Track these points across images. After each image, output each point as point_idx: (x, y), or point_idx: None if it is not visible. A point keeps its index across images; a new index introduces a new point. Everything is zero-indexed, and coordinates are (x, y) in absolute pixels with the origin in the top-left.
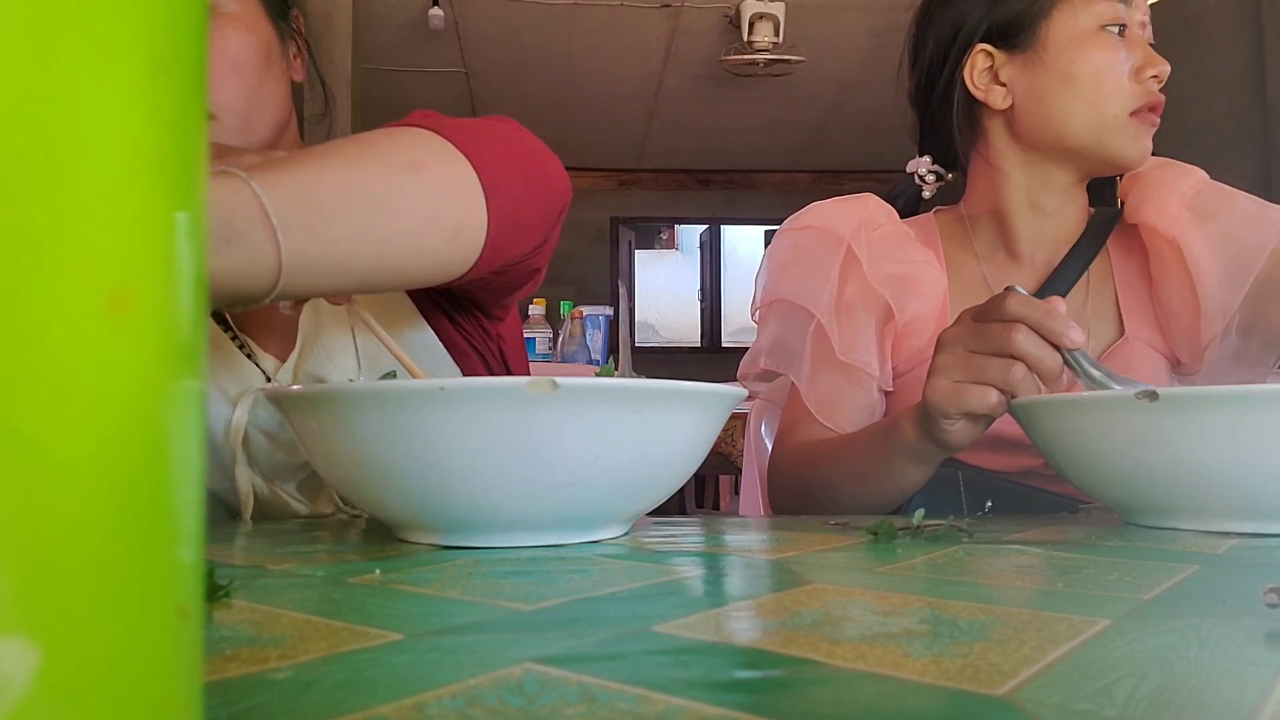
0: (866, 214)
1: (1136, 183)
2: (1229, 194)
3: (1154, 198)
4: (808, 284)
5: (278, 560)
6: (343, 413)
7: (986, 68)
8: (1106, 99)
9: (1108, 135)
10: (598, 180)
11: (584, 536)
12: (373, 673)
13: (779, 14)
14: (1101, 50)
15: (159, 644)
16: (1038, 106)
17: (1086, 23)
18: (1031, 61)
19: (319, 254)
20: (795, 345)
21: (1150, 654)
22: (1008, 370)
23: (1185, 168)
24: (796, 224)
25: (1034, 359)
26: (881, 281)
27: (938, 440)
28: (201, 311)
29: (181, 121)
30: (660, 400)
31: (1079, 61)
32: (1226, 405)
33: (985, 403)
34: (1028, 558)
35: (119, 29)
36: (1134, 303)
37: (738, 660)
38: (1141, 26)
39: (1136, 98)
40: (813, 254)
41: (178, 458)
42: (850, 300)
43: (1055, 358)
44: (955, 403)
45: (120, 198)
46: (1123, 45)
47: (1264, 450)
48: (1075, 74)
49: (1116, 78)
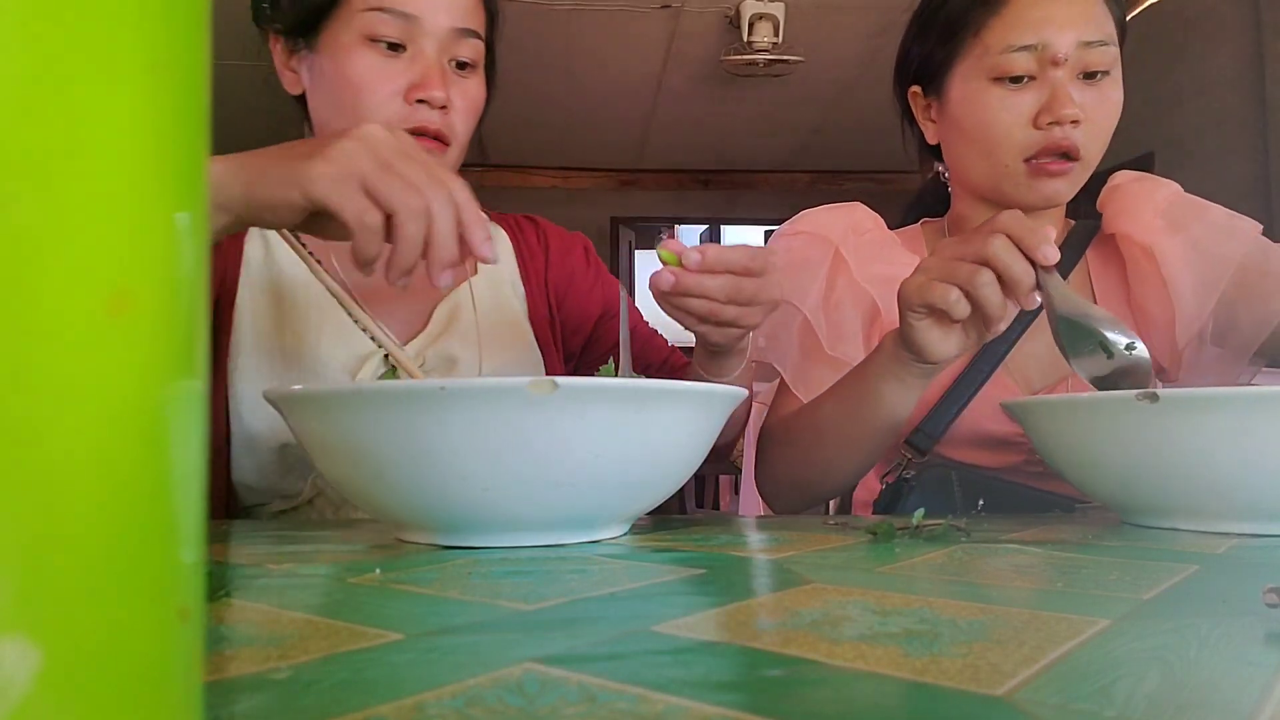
0: (855, 220)
1: (1113, 195)
2: (1202, 205)
3: (1130, 208)
4: (798, 284)
5: (278, 560)
6: (343, 413)
7: (925, 105)
8: (996, 150)
9: (1006, 184)
10: (598, 180)
11: (584, 536)
12: (372, 673)
13: (779, 14)
14: (988, 104)
15: (159, 644)
16: (949, 151)
17: (978, 76)
18: (942, 109)
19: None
20: (785, 340)
21: (1150, 654)
22: (975, 273)
23: (1161, 181)
24: (789, 230)
25: (1004, 265)
26: (869, 281)
27: (909, 343)
28: (202, 311)
29: (181, 121)
30: (660, 400)
31: (968, 114)
32: (1226, 406)
33: (945, 298)
34: (1027, 558)
35: (119, 29)
36: (1114, 311)
37: (737, 660)
38: (1055, 65)
39: (1033, 145)
40: (804, 257)
41: (178, 458)
42: (839, 298)
43: (1027, 270)
44: (920, 293)
45: (120, 198)
46: (1023, 92)
47: (1264, 451)
48: (965, 126)
49: (1005, 129)
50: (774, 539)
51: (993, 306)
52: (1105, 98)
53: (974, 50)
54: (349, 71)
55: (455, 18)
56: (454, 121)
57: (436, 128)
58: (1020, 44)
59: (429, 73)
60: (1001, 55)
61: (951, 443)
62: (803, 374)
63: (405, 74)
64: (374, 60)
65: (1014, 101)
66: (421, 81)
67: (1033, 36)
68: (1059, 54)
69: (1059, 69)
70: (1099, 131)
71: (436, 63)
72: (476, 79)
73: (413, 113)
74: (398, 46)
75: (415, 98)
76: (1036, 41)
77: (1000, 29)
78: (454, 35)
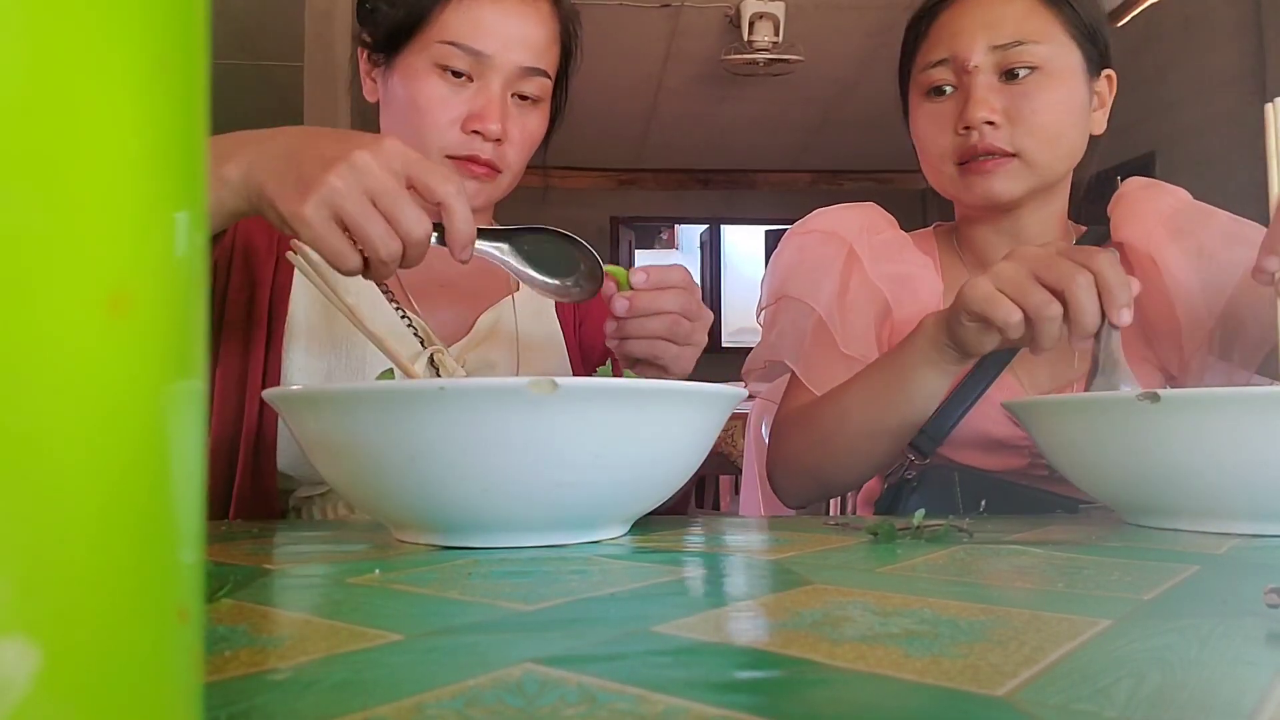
0: (869, 219)
1: (1120, 203)
2: (1208, 212)
3: (1135, 216)
4: (812, 282)
5: (277, 560)
6: (343, 412)
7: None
8: (932, 158)
9: (950, 188)
10: (598, 180)
11: (584, 536)
12: (372, 673)
13: (779, 13)
14: (920, 118)
15: (159, 644)
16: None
17: (916, 93)
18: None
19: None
20: (798, 338)
21: (1151, 654)
22: (1047, 305)
23: (1167, 188)
24: (802, 229)
25: (1079, 307)
26: (882, 279)
27: (953, 334)
28: (202, 311)
29: (181, 121)
30: (660, 400)
31: (913, 128)
32: (1228, 406)
33: (1008, 319)
34: (1028, 558)
35: (119, 29)
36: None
37: (738, 661)
38: (967, 72)
39: (956, 149)
40: (817, 255)
41: (177, 458)
42: (854, 296)
43: (1096, 319)
44: (985, 303)
45: (120, 198)
46: (946, 102)
47: (1265, 451)
48: (914, 142)
49: (932, 138)
50: (775, 539)
51: (1049, 340)
52: (1031, 95)
53: (913, 70)
54: (416, 96)
55: (525, 57)
56: (506, 153)
57: (488, 158)
58: (935, 59)
59: (489, 106)
60: (923, 73)
61: (955, 445)
62: (816, 370)
63: (467, 104)
64: (440, 88)
65: (938, 112)
66: (480, 113)
67: (943, 51)
68: (968, 62)
69: (971, 76)
70: (1035, 128)
71: (499, 96)
72: (538, 113)
73: (468, 142)
74: (464, 74)
75: (471, 128)
76: (947, 55)
77: (924, 49)
78: (521, 73)
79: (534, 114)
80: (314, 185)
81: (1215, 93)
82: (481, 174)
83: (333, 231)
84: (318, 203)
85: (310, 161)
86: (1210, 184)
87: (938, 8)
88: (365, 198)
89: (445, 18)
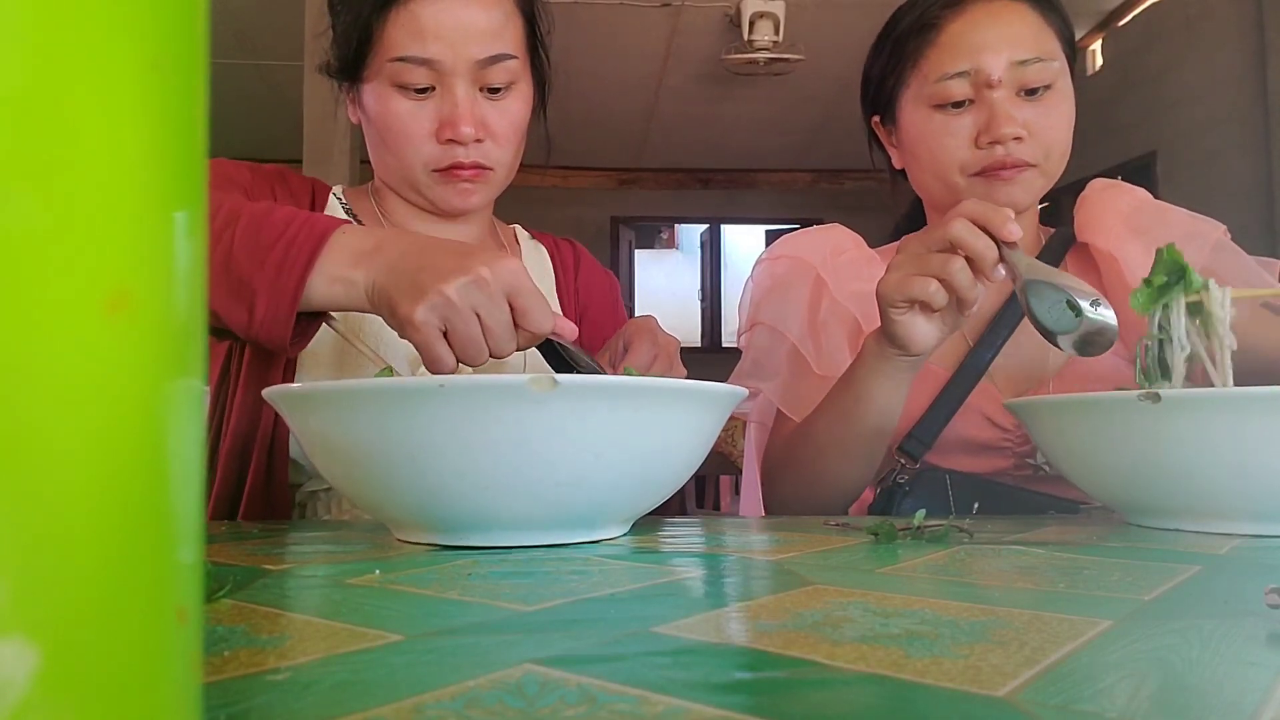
0: (834, 241)
1: (1083, 204)
2: (1163, 209)
3: (1096, 217)
4: (782, 309)
5: (277, 561)
6: (342, 411)
7: (886, 132)
8: (944, 171)
9: (952, 198)
10: (598, 180)
11: (584, 536)
12: (371, 674)
13: (779, 13)
14: (932, 130)
15: (158, 644)
16: (909, 174)
17: (920, 105)
18: (898, 136)
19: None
20: (773, 365)
21: (1152, 655)
22: (947, 262)
23: (1127, 188)
24: (771, 255)
25: (968, 244)
26: (849, 298)
27: (893, 338)
28: (201, 311)
29: (181, 121)
30: (660, 400)
31: (916, 140)
32: (1229, 406)
33: (925, 290)
34: (1029, 559)
35: (118, 29)
36: None
37: (738, 662)
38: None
39: (977, 163)
40: (786, 281)
41: (176, 457)
42: (824, 319)
43: (990, 245)
44: (899, 289)
45: (120, 198)
46: (963, 115)
47: (1266, 452)
48: (915, 152)
49: (948, 152)
50: (775, 540)
51: (964, 288)
52: (1049, 111)
53: (915, 79)
54: (384, 117)
55: (480, 49)
56: (490, 149)
57: (472, 161)
58: (954, 71)
59: (455, 112)
60: (938, 84)
61: (941, 451)
62: (793, 395)
63: (435, 115)
64: (404, 106)
65: (956, 125)
66: (450, 120)
67: (965, 63)
68: (992, 77)
69: (994, 90)
70: (1051, 143)
71: (465, 98)
72: (514, 96)
73: (446, 151)
74: (426, 87)
75: (445, 137)
76: (969, 67)
77: (935, 58)
78: (480, 66)
79: (511, 100)
80: (429, 294)
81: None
82: (469, 178)
83: (437, 339)
84: (428, 309)
85: (429, 271)
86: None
87: (942, 19)
88: (473, 313)
89: (389, 34)
